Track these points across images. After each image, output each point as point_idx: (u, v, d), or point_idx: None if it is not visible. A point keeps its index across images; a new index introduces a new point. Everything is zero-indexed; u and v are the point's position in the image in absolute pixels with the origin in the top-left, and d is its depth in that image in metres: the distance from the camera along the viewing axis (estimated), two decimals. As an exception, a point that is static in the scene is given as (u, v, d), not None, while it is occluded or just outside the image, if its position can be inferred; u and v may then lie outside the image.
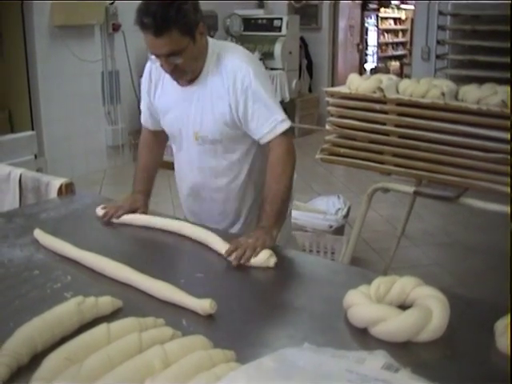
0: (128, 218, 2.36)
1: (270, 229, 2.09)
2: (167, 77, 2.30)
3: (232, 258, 1.93)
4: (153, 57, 2.17)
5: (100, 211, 2.41)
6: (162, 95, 2.40)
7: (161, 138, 2.61)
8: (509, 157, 2.97)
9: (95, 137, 7.30)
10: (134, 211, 2.39)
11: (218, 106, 2.24)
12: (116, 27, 7.19)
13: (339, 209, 4.61)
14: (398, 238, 4.22)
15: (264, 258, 1.92)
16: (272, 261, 1.93)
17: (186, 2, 2.09)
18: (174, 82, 2.30)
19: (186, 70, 2.19)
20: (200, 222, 2.40)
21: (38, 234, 2.18)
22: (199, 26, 2.14)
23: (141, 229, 2.32)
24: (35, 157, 6.06)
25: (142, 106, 2.56)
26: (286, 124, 2.23)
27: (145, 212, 2.43)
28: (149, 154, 2.61)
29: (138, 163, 2.61)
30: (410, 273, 4.19)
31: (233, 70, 2.21)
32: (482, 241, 5.06)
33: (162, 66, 2.17)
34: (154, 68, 2.36)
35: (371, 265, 4.60)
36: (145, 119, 2.59)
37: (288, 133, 2.24)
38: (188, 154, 2.41)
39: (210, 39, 2.30)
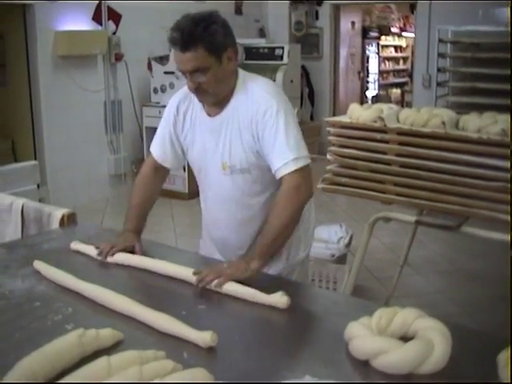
0: (122, 258, 2.29)
1: (250, 260, 2.06)
2: (196, 109, 2.34)
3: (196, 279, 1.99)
4: (180, 73, 2.20)
5: (75, 245, 2.38)
6: (189, 128, 2.39)
7: (162, 174, 2.58)
8: (510, 185, 2.98)
9: (98, 166, 7.33)
10: (128, 249, 2.33)
11: (245, 135, 2.23)
12: (119, 57, 7.25)
13: (341, 237, 4.60)
14: (400, 266, 4.21)
15: (275, 298, 1.88)
16: (282, 302, 1.86)
17: (216, 22, 2.11)
18: (204, 114, 2.32)
19: (209, 91, 2.18)
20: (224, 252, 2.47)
21: (39, 265, 2.19)
22: (228, 50, 2.15)
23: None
24: (38, 186, 6.07)
25: (158, 136, 2.52)
26: (302, 162, 2.17)
27: (138, 251, 2.34)
28: (147, 189, 2.55)
29: (132, 198, 2.54)
30: (413, 301, 4.18)
31: (258, 101, 2.20)
32: (485, 268, 5.04)
33: (187, 83, 2.19)
34: (182, 101, 2.38)
35: (373, 293, 4.58)
36: (157, 149, 2.52)
37: (304, 170, 2.18)
38: (216, 184, 2.37)
39: (240, 70, 2.31)
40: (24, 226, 2.96)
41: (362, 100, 12.26)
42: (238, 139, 2.24)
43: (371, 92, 13.84)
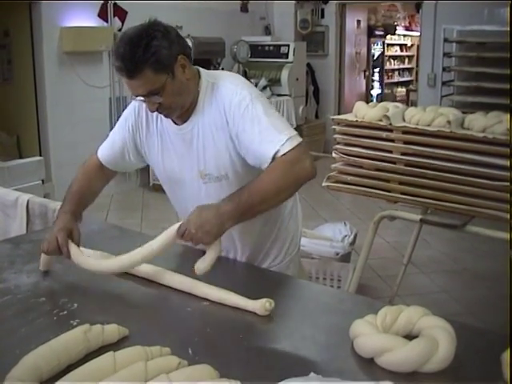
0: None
1: (227, 218, 1.86)
2: (160, 117, 2.18)
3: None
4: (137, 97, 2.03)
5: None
6: (157, 139, 2.22)
7: (106, 173, 2.42)
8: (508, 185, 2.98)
9: (102, 162, 7.31)
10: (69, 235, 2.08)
11: (220, 138, 2.07)
12: (124, 54, 7.23)
13: (346, 236, 4.59)
14: (404, 265, 4.21)
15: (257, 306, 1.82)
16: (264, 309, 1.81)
17: (156, 37, 1.92)
18: (170, 122, 2.16)
19: (172, 107, 2.04)
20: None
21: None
22: (178, 59, 1.97)
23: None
24: (43, 182, 6.09)
25: (109, 140, 2.39)
26: (296, 140, 1.97)
27: (76, 238, 2.11)
28: (87, 183, 2.37)
29: (71, 186, 2.35)
30: (417, 300, 4.17)
31: (227, 97, 2.04)
32: (490, 268, 5.03)
33: (146, 106, 2.06)
34: (141, 108, 2.21)
35: (378, 292, 4.58)
36: (104, 152, 2.39)
37: (302, 147, 1.97)
38: (193, 194, 2.20)
39: (202, 71, 2.14)
40: (29, 222, 2.97)
41: (367, 98, 12.24)
42: (211, 144, 2.09)
43: (376, 91, 13.82)
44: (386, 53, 14.32)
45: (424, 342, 1.50)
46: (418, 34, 9.52)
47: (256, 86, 8.17)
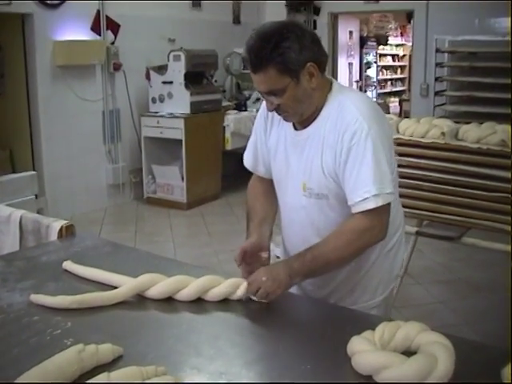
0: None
1: (295, 275, 1.93)
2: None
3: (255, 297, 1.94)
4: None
5: (67, 265, 2.25)
6: (275, 137, 2.20)
7: (265, 180, 2.35)
8: (510, 195, 2.97)
9: (96, 175, 7.31)
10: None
11: (327, 155, 2.01)
12: (117, 66, 7.25)
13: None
14: (400, 277, 4.19)
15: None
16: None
17: (289, 38, 1.89)
18: (290, 125, 2.13)
19: (290, 112, 2.02)
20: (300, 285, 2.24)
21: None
22: (306, 66, 1.94)
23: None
24: (36, 196, 6.07)
25: (250, 146, 2.35)
26: (382, 200, 1.92)
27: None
28: (265, 203, 2.31)
29: (251, 216, 2.29)
30: (413, 312, 4.15)
31: (347, 121, 1.96)
32: (485, 278, 5.03)
33: (265, 104, 2.07)
34: None
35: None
36: (251, 162, 2.35)
37: (383, 210, 1.94)
38: (293, 205, 2.17)
39: (335, 83, 2.10)
40: (22, 238, 2.94)
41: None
42: (319, 159, 2.04)
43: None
44: (379, 63, 14.37)
45: (422, 359, 1.49)
46: (410, 44, 9.55)
47: (249, 98, 8.18)
